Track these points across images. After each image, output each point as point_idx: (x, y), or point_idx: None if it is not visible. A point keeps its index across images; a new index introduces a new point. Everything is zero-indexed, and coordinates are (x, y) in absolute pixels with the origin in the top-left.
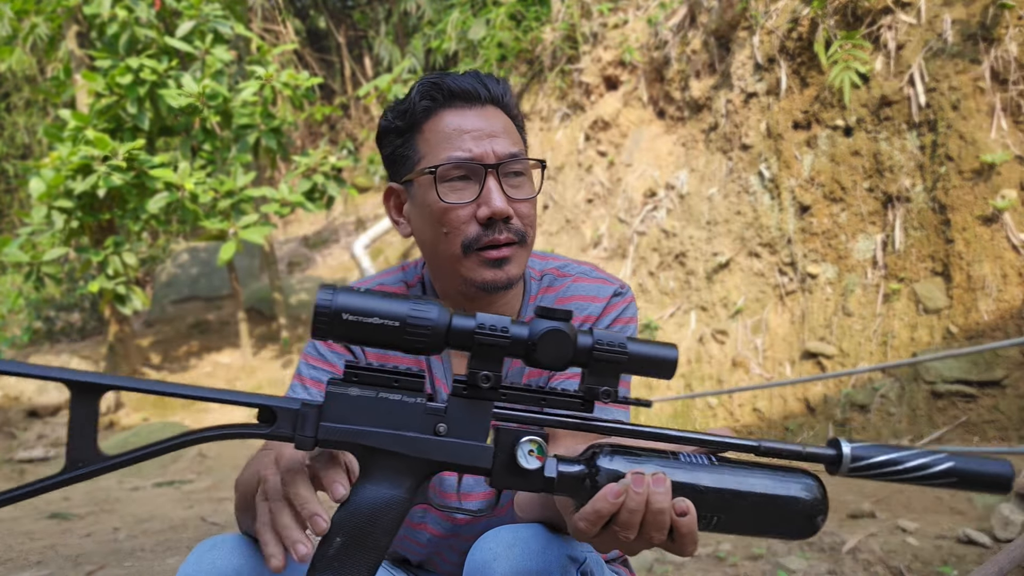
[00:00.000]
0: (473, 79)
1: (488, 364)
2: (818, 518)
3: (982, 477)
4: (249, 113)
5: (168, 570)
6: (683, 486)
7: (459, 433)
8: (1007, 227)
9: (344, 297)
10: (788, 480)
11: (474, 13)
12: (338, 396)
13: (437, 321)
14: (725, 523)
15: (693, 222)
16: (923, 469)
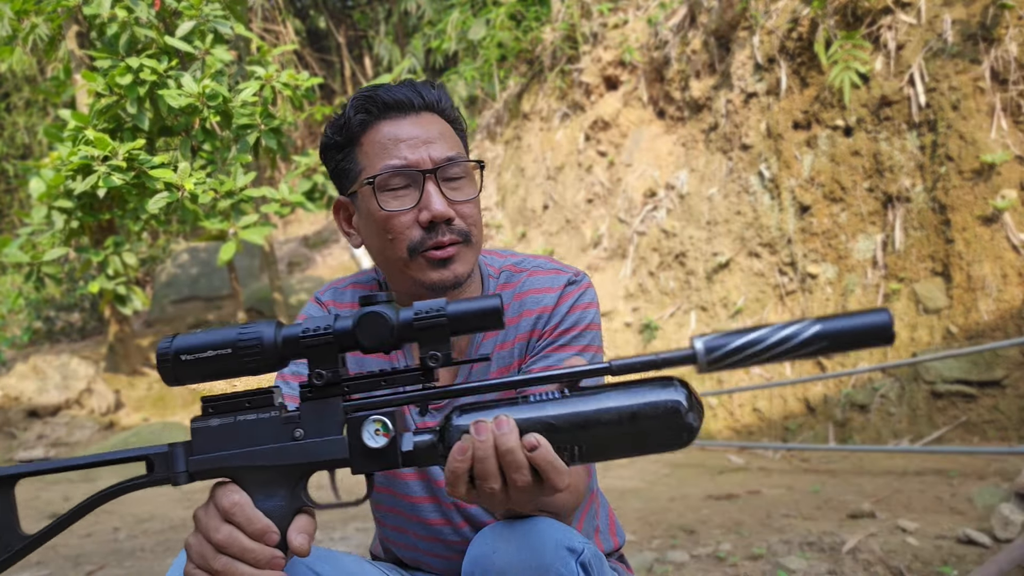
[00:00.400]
0: (407, 88)
1: (324, 363)
2: (685, 418)
3: (856, 333)
4: (249, 113)
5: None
6: (532, 422)
7: (315, 433)
8: (1007, 227)
9: (179, 340)
10: (645, 391)
11: (474, 13)
12: (201, 430)
13: (265, 338)
14: (590, 450)
15: (693, 222)
16: (788, 341)
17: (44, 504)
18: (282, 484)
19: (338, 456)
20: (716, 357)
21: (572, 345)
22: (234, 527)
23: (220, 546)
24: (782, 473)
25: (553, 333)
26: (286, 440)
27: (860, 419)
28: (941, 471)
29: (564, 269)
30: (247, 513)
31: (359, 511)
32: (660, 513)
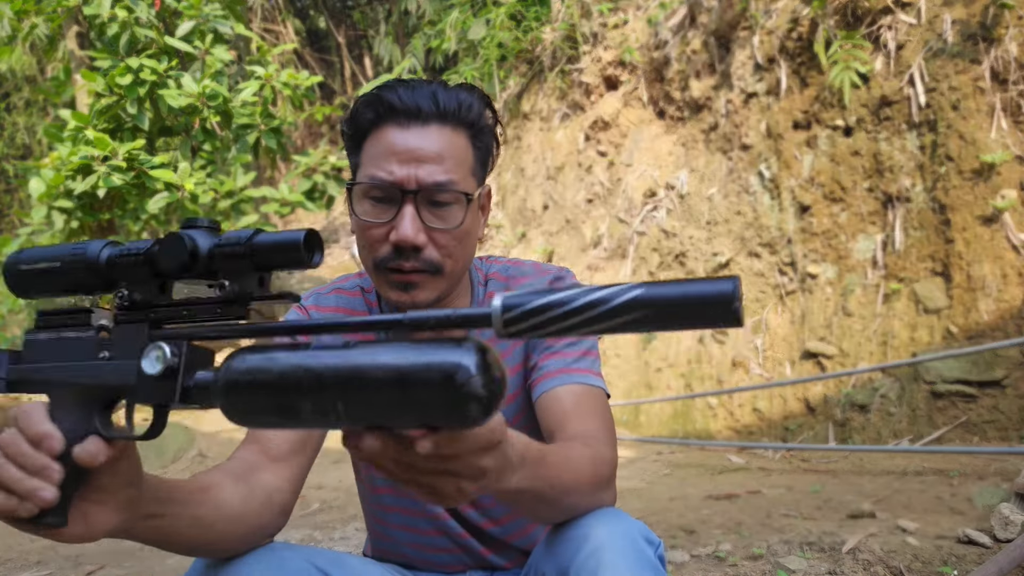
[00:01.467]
0: (422, 94)
1: (137, 284)
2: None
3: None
4: (249, 113)
5: (168, 570)
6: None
7: (119, 357)
8: (1007, 227)
9: (24, 251)
10: (430, 348)
11: (474, 13)
12: (30, 342)
13: (89, 254)
14: (353, 410)
15: (693, 222)
16: (599, 305)
17: None
18: (81, 405)
19: (127, 382)
20: (513, 317)
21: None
22: (16, 431)
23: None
24: (782, 473)
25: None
26: (92, 360)
27: (860, 419)
28: (941, 471)
29: (548, 269)
30: (31, 418)
31: (358, 511)
32: (660, 513)
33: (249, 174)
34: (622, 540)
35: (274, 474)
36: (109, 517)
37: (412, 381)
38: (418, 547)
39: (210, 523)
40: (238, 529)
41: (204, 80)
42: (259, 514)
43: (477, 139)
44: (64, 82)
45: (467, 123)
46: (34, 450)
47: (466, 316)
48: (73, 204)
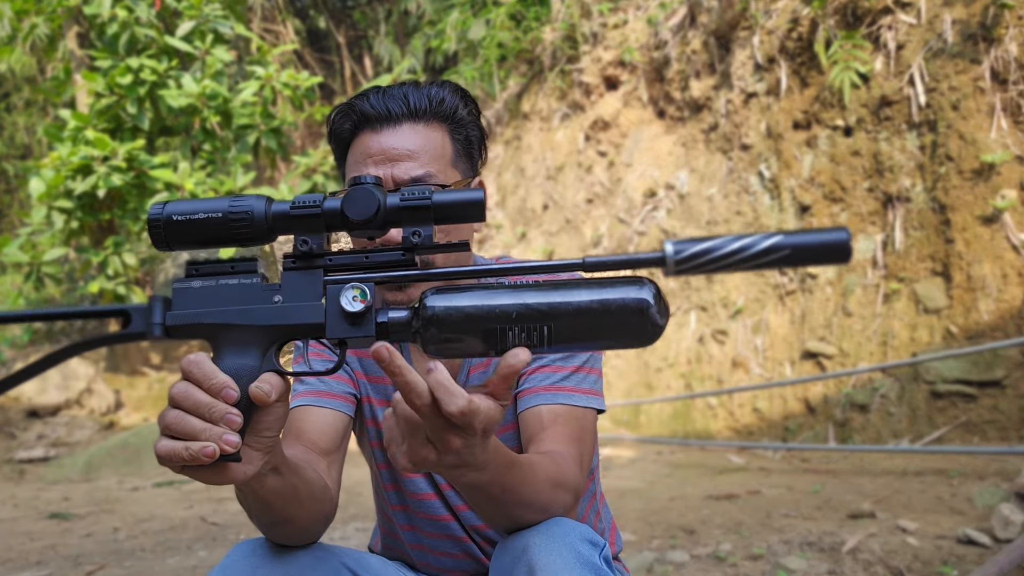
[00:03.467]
0: (393, 97)
1: (309, 233)
2: (650, 313)
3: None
4: (249, 113)
5: (168, 570)
6: (509, 306)
7: (294, 300)
8: (1007, 227)
9: (172, 204)
10: (616, 286)
11: (474, 13)
12: (183, 290)
13: (255, 208)
14: (559, 334)
15: (693, 222)
16: (746, 249)
17: (44, 504)
18: (254, 345)
19: (313, 320)
20: (684, 258)
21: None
22: (190, 383)
23: (174, 400)
24: (782, 473)
25: None
26: (265, 303)
27: (860, 419)
28: (941, 471)
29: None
30: (204, 369)
31: (359, 510)
32: (660, 513)
33: (249, 174)
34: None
35: (324, 471)
36: (258, 458)
37: (611, 311)
38: (420, 548)
39: (301, 497)
40: (317, 510)
41: (204, 80)
42: (328, 501)
43: (455, 131)
44: (64, 82)
45: (441, 116)
46: (212, 399)
47: (640, 259)
48: (73, 204)
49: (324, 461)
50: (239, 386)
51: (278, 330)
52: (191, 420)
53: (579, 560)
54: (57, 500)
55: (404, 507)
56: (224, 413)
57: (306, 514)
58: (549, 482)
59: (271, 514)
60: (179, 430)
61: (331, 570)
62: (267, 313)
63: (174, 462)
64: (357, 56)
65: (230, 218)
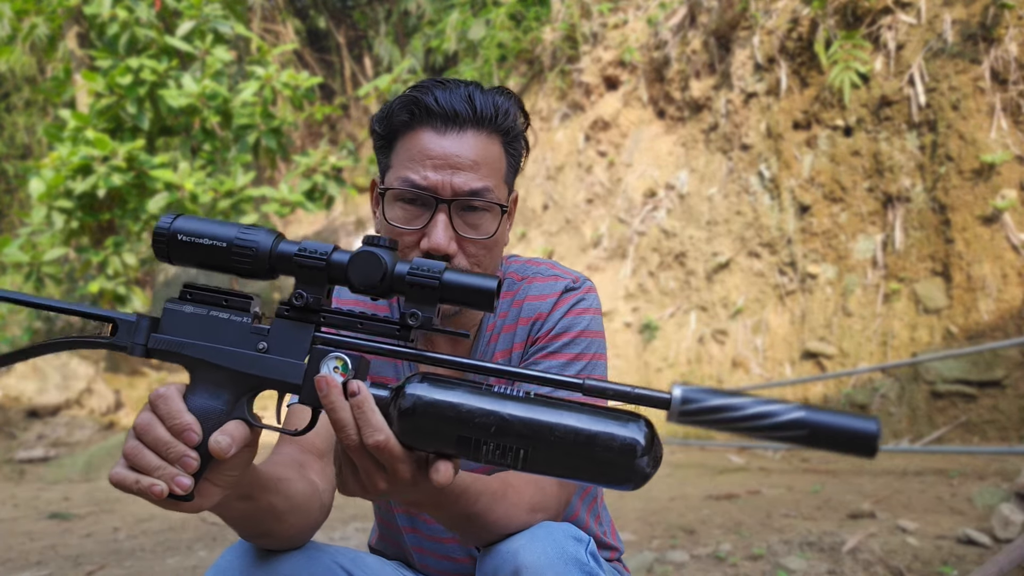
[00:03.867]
0: (460, 98)
1: (310, 287)
2: (640, 460)
3: (839, 434)
4: (249, 113)
5: (168, 570)
6: (488, 413)
7: (278, 352)
8: (1007, 227)
9: (181, 221)
10: (609, 419)
11: (474, 13)
12: (173, 312)
13: (261, 245)
14: (535, 460)
15: (693, 222)
16: (766, 418)
17: (44, 504)
18: (229, 389)
19: (291, 380)
20: (690, 410)
21: (563, 352)
22: (155, 417)
23: (136, 430)
24: (782, 473)
25: (545, 339)
26: (248, 348)
27: None
28: (941, 471)
29: (563, 275)
30: (170, 406)
31: (359, 511)
32: (660, 513)
33: (249, 174)
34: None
35: (318, 472)
36: (216, 493)
37: (595, 446)
38: (421, 551)
39: (281, 512)
40: (299, 521)
41: (204, 80)
42: (315, 509)
43: (511, 145)
44: (64, 82)
45: (502, 130)
46: (172, 439)
47: (643, 395)
48: (73, 204)
49: (320, 462)
50: (204, 428)
51: (254, 379)
52: (148, 455)
53: (564, 557)
54: (57, 500)
55: (406, 510)
56: (181, 455)
57: (287, 527)
58: (526, 507)
59: (246, 529)
60: (135, 462)
61: (324, 569)
62: (247, 360)
63: (126, 491)
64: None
65: (234, 249)
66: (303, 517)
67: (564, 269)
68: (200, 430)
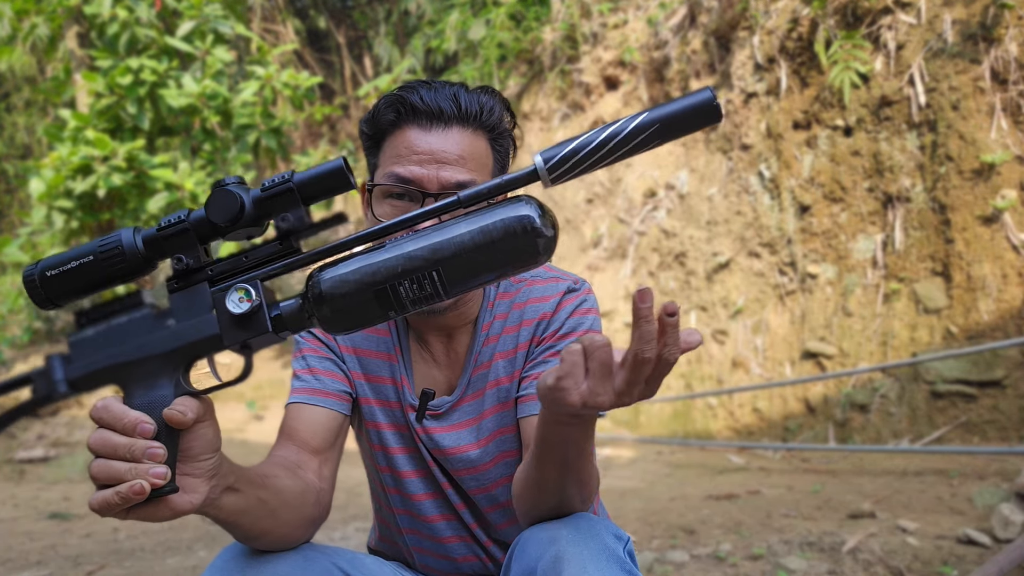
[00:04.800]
0: (443, 96)
1: (184, 251)
2: (536, 226)
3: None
4: (249, 113)
5: (168, 570)
6: (392, 260)
7: (187, 318)
8: (1007, 227)
9: (43, 261)
10: (495, 210)
11: (474, 13)
12: (78, 342)
13: (124, 241)
14: (449, 274)
15: (693, 222)
16: (617, 135)
17: (44, 504)
18: (160, 374)
19: (209, 333)
20: (554, 164)
21: None
22: (104, 428)
23: (92, 449)
24: (782, 473)
25: (553, 338)
26: (159, 331)
27: (860, 419)
28: (941, 471)
29: (563, 276)
30: (113, 411)
31: (359, 510)
32: (660, 513)
33: (249, 174)
34: (587, 538)
35: (315, 471)
36: (201, 485)
37: (497, 236)
38: (422, 551)
39: (272, 509)
40: (294, 518)
41: (204, 80)
42: (311, 506)
43: (497, 143)
44: (64, 82)
45: (488, 127)
46: (129, 439)
47: (514, 178)
48: (73, 204)
49: (316, 460)
50: (155, 419)
51: (178, 353)
52: (114, 464)
53: (606, 553)
54: (57, 500)
55: (407, 510)
56: (144, 448)
57: (282, 524)
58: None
59: (240, 530)
60: (105, 477)
61: (322, 571)
62: (163, 340)
63: (111, 510)
64: (357, 56)
65: (102, 259)
66: (297, 512)
67: (561, 271)
68: (151, 420)
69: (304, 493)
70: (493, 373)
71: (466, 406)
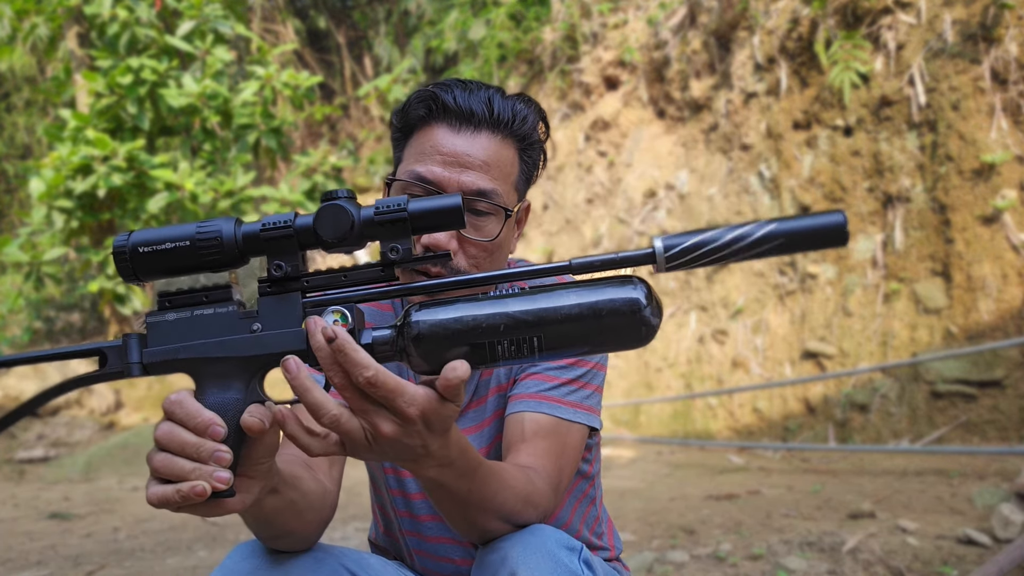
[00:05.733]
0: (479, 99)
1: (283, 256)
2: (643, 313)
3: (811, 232)
4: (249, 113)
5: (168, 570)
6: (495, 316)
7: (273, 327)
8: (1007, 227)
9: (137, 234)
10: (605, 287)
11: (474, 13)
12: (157, 324)
13: (224, 232)
14: (551, 342)
15: (693, 222)
16: (743, 239)
17: (44, 504)
18: (238, 377)
19: (295, 348)
20: (674, 255)
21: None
22: (174, 423)
23: (159, 443)
24: (782, 473)
25: None
26: (243, 333)
27: (860, 419)
28: (941, 471)
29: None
30: (187, 408)
31: (359, 510)
32: (660, 513)
33: (249, 174)
34: (537, 554)
35: (325, 472)
36: (254, 486)
37: (604, 314)
38: (422, 554)
39: (300, 510)
40: (315, 519)
41: (204, 80)
42: (328, 507)
43: (526, 153)
44: (64, 82)
45: (519, 136)
46: (199, 439)
47: (628, 257)
48: (73, 204)
49: (325, 462)
50: (225, 420)
51: (259, 360)
52: (179, 462)
53: (558, 568)
54: (57, 500)
55: (408, 512)
56: (212, 451)
57: (305, 524)
58: (519, 497)
59: (271, 529)
60: (168, 473)
61: (330, 572)
62: (246, 343)
63: (169, 506)
64: (357, 56)
65: (199, 245)
66: (318, 514)
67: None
68: (223, 423)
69: (324, 495)
70: (495, 378)
71: (471, 412)
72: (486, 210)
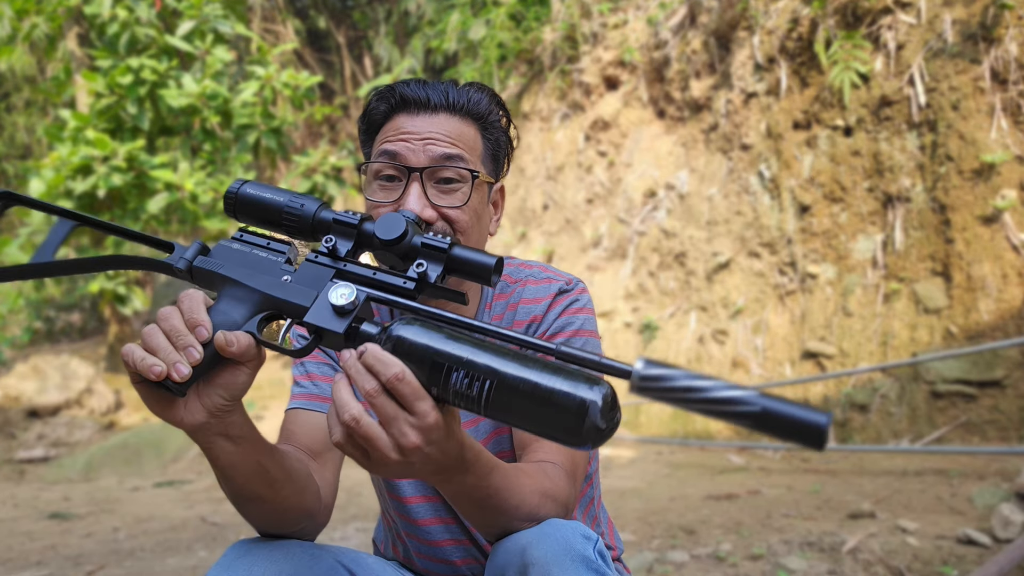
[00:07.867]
0: (434, 88)
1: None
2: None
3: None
4: (249, 113)
5: (168, 570)
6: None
7: (297, 283)
8: (1007, 227)
9: (250, 185)
10: (570, 379)
11: (474, 13)
12: (223, 246)
13: (306, 209)
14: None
15: (693, 222)
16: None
17: (44, 504)
18: (247, 305)
19: (301, 302)
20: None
21: None
22: (176, 309)
23: (157, 318)
24: (782, 473)
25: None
26: (275, 276)
27: (860, 419)
28: (941, 471)
29: (556, 277)
30: (191, 303)
31: (359, 511)
32: (660, 513)
33: (249, 174)
34: (551, 540)
35: (318, 472)
36: (199, 412)
37: (554, 402)
38: (423, 557)
39: (272, 479)
40: (293, 496)
41: (204, 80)
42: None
43: (486, 132)
44: (64, 82)
45: (475, 115)
46: (185, 329)
47: (608, 365)
48: (73, 204)
49: (316, 463)
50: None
51: (270, 300)
52: (159, 337)
53: (570, 553)
54: (57, 500)
55: (406, 515)
56: (187, 344)
57: (280, 497)
58: (538, 492)
59: (234, 485)
60: (147, 343)
61: (327, 568)
62: (270, 284)
63: (128, 367)
64: (357, 56)
65: (286, 210)
66: (299, 496)
67: (557, 272)
68: (211, 329)
69: (309, 478)
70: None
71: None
72: (454, 177)
